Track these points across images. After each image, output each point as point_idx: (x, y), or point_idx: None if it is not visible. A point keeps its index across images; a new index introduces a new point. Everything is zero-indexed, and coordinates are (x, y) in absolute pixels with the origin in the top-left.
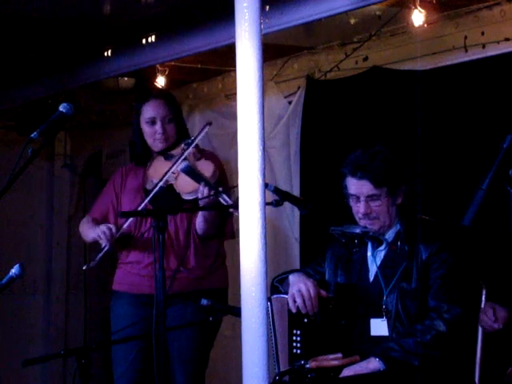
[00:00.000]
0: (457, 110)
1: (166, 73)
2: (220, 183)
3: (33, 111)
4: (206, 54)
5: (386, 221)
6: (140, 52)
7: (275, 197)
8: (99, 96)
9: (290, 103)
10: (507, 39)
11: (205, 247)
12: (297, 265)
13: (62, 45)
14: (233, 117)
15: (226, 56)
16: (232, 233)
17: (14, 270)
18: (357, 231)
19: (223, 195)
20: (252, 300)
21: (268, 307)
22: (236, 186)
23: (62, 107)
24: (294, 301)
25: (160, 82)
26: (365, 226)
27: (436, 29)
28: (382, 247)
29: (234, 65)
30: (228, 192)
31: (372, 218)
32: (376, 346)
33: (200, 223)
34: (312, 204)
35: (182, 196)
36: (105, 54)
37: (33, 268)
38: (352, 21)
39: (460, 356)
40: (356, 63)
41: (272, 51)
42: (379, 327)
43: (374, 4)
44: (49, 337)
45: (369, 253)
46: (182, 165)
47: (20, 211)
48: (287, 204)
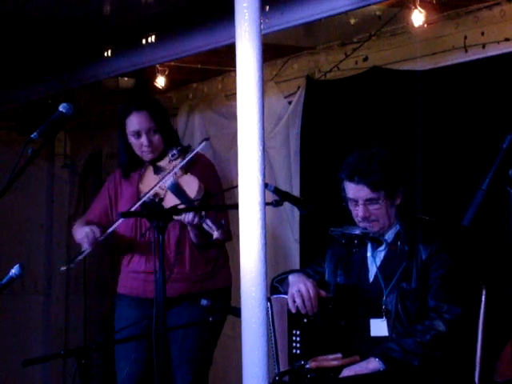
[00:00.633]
0: (457, 111)
1: (166, 73)
2: (208, 198)
3: (33, 111)
4: (206, 54)
5: (386, 222)
6: (140, 52)
7: (275, 197)
8: (99, 96)
9: (290, 103)
10: (507, 39)
11: (202, 254)
12: (296, 265)
13: (62, 45)
14: (233, 117)
15: (226, 56)
16: (229, 236)
17: (14, 270)
18: (356, 232)
19: (207, 220)
20: (252, 300)
21: (268, 307)
22: (236, 187)
23: (62, 107)
24: (294, 301)
25: (160, 82)
26: (364, 228)
27: (436, 29)
28: (382, 247)
29: (234, 65)
30: (213, 217)
31: (371, 221)
32: (376, 346)
33: (193, 238)
34: (312, 204)
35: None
36: (105, 54)
37: (33, 268)
38: (352, 21)
39: (460, 356)
40: (356, 63)
41: (272, 51)
42: (379, 327)
43: (374, 4)
44: (49, 337)
45: (368, 253)
46: (169, 181)
47: (20, 211)
48: (287, 204)
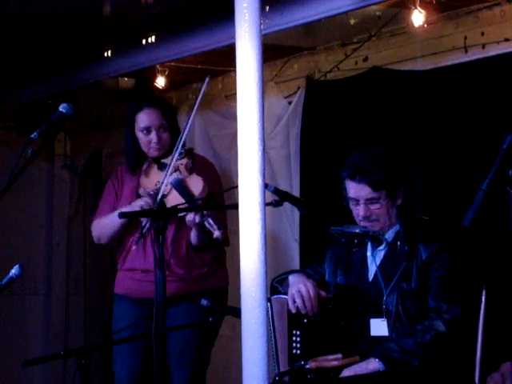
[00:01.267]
0: (457, 111)
1: (166, 73)
2: (210, 199)
3: (33, 111)
4: (206, 54)
5: (386, 222)
6: (140, 52)
7: (275, 197)
8: (99, 96)
9: (290, 103)
10: (507, 39)
11: (199, 255)
12: (296, 265)
13: (63, 45)
14: (233, 117)
15: (226, 56)
16: (226, 241)
17: (14, 271)
18: (356, 231)
19: (208, 219)
20: (252, 300)
21: (268, 308)
22: (236, 187)
23: (62, 107)
24: (294, 301)
25: (160, 83)
26: (365, 226)
27: (436, 29)
28: (382, 247)
29: (234, 65)
30: (215, 217)
31: (372, 220)
32: (376, 347)
33: (193, 238)
34: (312, 204)
35: None
36: (105, 55)
37: (33, 268)
38: (352, 21)
39: (460, 356)
40: (356, 63)
41: (272, 52)
42: (379, 327)
43: (374, 4)
44: (49, 337)
45: (368, 253)
46: (173, 177)
47: (20, 211)
48: (287, 204)
